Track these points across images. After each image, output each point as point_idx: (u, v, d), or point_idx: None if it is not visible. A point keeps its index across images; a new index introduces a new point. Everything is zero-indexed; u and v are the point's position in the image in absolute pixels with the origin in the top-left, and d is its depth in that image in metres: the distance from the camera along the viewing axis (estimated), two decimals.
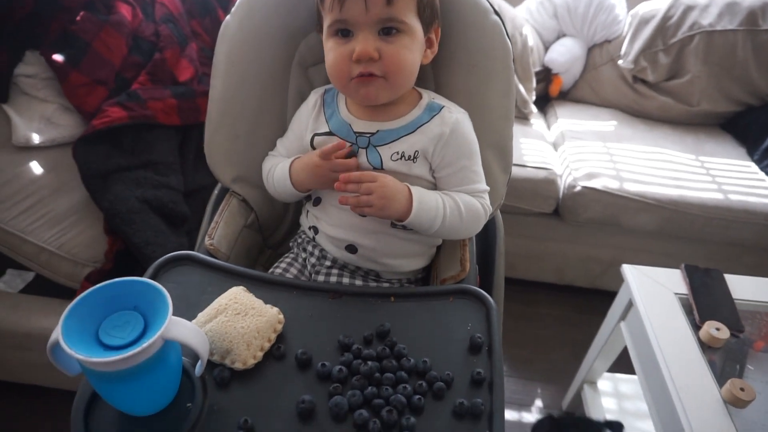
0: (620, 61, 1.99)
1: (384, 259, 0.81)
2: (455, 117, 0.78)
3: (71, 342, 0.45)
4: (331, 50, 0.74)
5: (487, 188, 0.82)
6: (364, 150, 0.78)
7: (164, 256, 0.70)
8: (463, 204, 0.77)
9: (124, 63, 1.46)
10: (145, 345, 0.45)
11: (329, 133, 0.80)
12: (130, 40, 1.48)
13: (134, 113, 1.38)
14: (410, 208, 0.73)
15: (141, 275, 0.57)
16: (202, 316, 0.61)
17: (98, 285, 0.50)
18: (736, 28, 1.84)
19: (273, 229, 0.98)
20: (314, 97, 0.85)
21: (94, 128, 1.33)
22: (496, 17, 0.84)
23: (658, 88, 1.99)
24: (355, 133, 0.79)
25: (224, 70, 0.84)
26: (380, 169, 0.77)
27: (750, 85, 1.90)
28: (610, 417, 1.38)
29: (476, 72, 0.84)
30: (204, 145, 0.89)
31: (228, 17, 0.83)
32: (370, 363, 0.58)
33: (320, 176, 0.78)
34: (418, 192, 0.74)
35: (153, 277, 0.68)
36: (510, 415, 1.51)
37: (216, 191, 0.97)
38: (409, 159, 0.77)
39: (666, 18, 1.92)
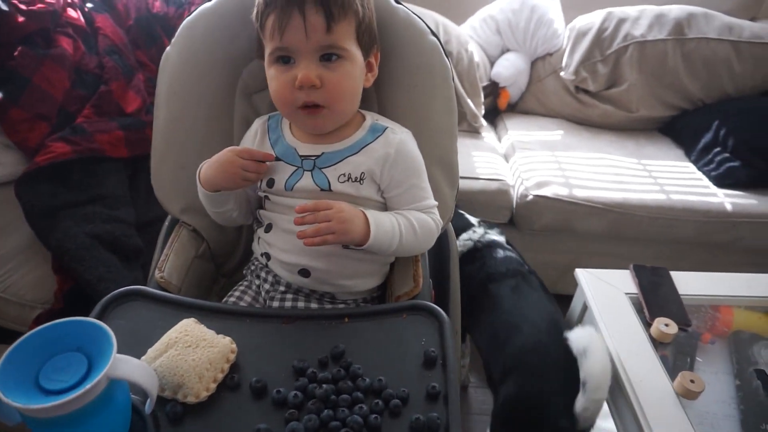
0: (562, 73, 2.07)
1: (338, 281, 0.82)
2: (399, 137, 0.80)
3: (7, 390, 0.43)
4: (274, 78, 0.75)
5: (436, 203, 0.84)
6: (310, 172, 0.79)
7: (111, 293, 0.69)
8: (416, 221, 0.79)
9: (67, 97, 1.43)
10: (87, 387, 0.44)
11: (276, 159, 0.81)
12: (72, 73, 1.45)
13: (79, 147, 1.35)
14: (368, 232, 0.73)
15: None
16: (152, 351, 0.60)
17: (36, 328, 0.49)
18: (666, 38, 1.95)
19: (226, 258, 0.97)
20: (257, 124, 0.86)
21: (37, 165, 1.30)
22: (433, 38, 0.87)
23: (599, 96, 2.08)
24: (300, 156, 0.80)
25: (166, 100, 0.83)
26: (328, 190, 0.78)
27: (682, 91, 2.00)
28: None
29: (417, 91, 0.86)
30: (150, 176, 0.88)
31: (168, 48, 0.84)
32: (325, 386, 0.58)
33: (229, 173, 0.77)
34: (372, 215, 0.75)
35: (101, 315, 0.66)
36: (481, 424, 1.52)
37: (167, 222, 0.95)
38: (356, 180, 0.78)
39: (601, 30, 2.01)
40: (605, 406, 1.20)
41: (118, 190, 1.42)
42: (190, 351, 0.59)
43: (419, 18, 0.86)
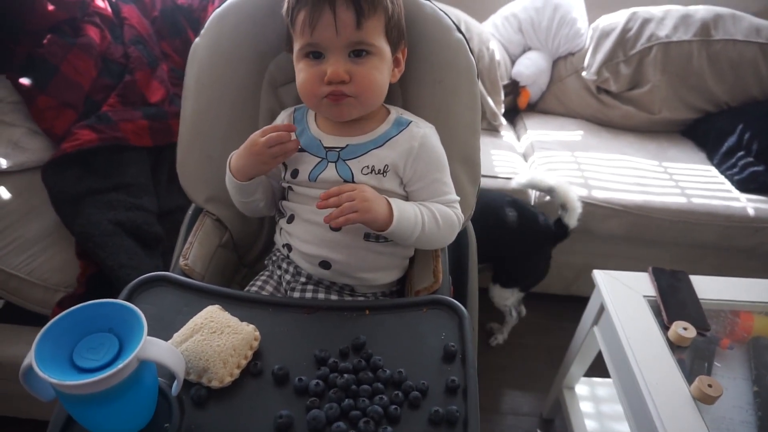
0: (584, 73, 2.05)
1: (358, 273, 0.82)
2: (423, 131, 0.81)
3: (44, 366, 0.45)
4: (302, 71, 0.76)
5: (458, 198, 0.84)
6: (334, 164, 0.79)
7: (138, 278, 0.70)
8: (439, 213, 0.79)
9: (94, 85, 1.45)
10: (120, 366, 0.46)
11: (300, 150, 0.82)
12: (99, 62, 1.47)
13: (105, 135, 1.37)
14: (391, 216, 0.74)
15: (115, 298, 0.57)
16: (177, 336, 0.61)
17: (72, 308, 0.50)
18: (691, 39, 1.93)
19: (248, 248, 0.98)
20: (283, 116, 0.87)
21: (63, 151, 1.32)
22: (459, 35, 0.87)
23: (620, 97, 2.06)
24: (324, 148, 0.81)
25: (194, 91, 0.85)
26: (351, 182, 0.78)
27: (706, 93, 1.98)
28: (588, 422, 1.40)
29: (442, 87, 0.86)
30: (176, 165, 0.89)
31: (197, 39, 0.85)
32: (346, 376, 0.59)
33: (256, 154, 0.78)
34: (396, 202, 0.76)
35: (128, 299, 0.68)
36: (488, 422, 1.53)
37: (190, 211, 0.97)
38: (379, 173, 0.79)
39: (625, 30, 1.99)
40: (619, 408, 1.20)
41: (141, 179, 1.44)
42: (215, 337, 0.60)
43: (446, 14, 0.86)
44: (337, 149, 0.80)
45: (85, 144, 1.34)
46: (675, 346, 1.09)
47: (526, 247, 1.54)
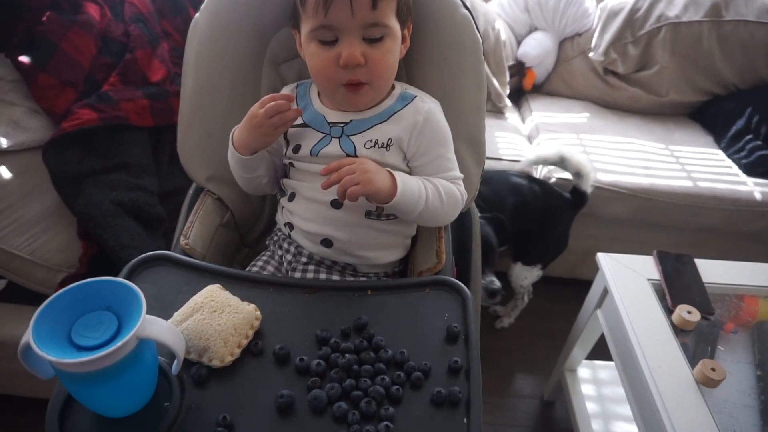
0: (591, 54, 2.02)
1: (359, 252, 0.81)
2: (428, 106, 0.79)
3: (42, 344, 0.44)
4: (315, 56, 0.73)
5: (462, 175, 0.83)
6: (337, 139, 0.78)
7: (139, 257, 0.70)
8: (443, 188, 0.78)
9: (94, 64, 1.43)
10: (118, 344, 0.45)
11: (303, 125, 0.80)
12: (99, 40, 1.45)
13: (105, 115, 1.36)
14: (394, 188, 0.73)
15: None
16: (178, 315, 0.61)
17: (70, 286, 0.49)
18: (701, 20, 1.89)
19: (249, 228, 0.97)
20: (286, 91, 0.85)
21: (64, 131, 1.31)
22: (465, 11, 0.85)
23: (628, 79, 2.03)
24: (328, 123, 0.79)
25: (194, 68, 0.83)
26: (354, 156, 0.77)
27: (715, 75, 1.94)
28: (589, 404, 1.40)
29: (447, 65, 0.85)
30: (177, 143, 0.88)
31: (197, 14, 0.83)
32: (347, 356, 0.58)
33: (257, 126, 0.76)
34: (400, 175, 0.75)
35: (127, 278, 0.67)
36: (489, 404, 1.53)
37: (191, 191, 0.96)
38: (382, 147, 0.77)
39: (634, 10, 1.95)
40: (620, 391, 1.20)
41: (143, 159, 1.43)
42: (216, 316, 0.59)
43: None
44: (341, 125, 0.79)
45: (86, 123, 1.33)
46: (678, 330, 1.08)
47: (549, 220, 1.55)
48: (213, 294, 0.62)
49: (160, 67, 1.52)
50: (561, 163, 1.54)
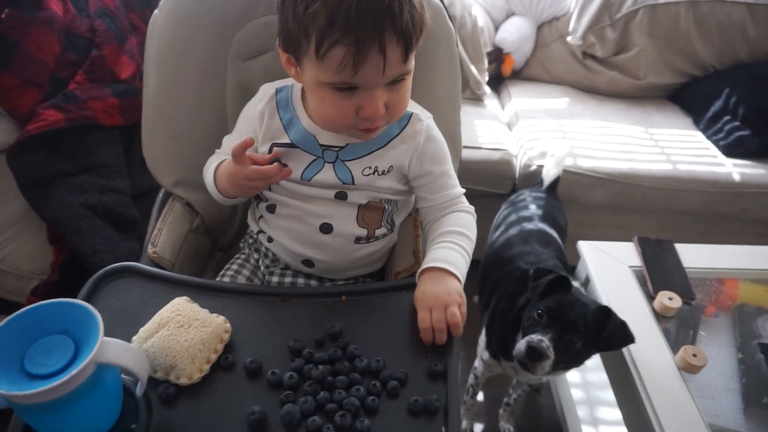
0: (569, 38, 2.00)
1: (343, 272, 0.80)
2: (425, 124, 0.75)
3: None
4: (329, 103, 0.65)
5: (463, 190, 0.80)
6: (332, 165, 0.72)
7: (102, 270, 0.67)
8: (468, 231, 0.75)
9: (58, 62, 1.38)
10: (72, 373, 0.43)
11: (291, 145, 0.73)
12: (62, 37, 1.40)
13: (72, 115, 1.31)
14: (458, 280, 0.68)
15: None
16: (143, 331, 0.58)
17: (21, 310, 0.47)
18: (678, 0, 1.87)
19: (221, 232, 0.95)
20: (262, 103, 0.75)
21: (29, 133, 1.26)
22: (436, 0, 0.82)
23: (606, 63, 2.01)
24: (321, 145, 0.72)
25: (155, 67, 0.80)
26: (351, 184, 0.73)
27: (693, 57, 1.94)
28: (574, 390, 1.41)
29: (420, 59, 0.82)
30: (142, 147, 0.85)
31: (156, 11, 0.79)
32: (321, 367, 0.57)
33: (238, 185, 0.71)
34: (445, 261, 0.68)
35: (91, 292, 0.64)
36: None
37: (160, 194, 0.93)
38: (382, 174, 0.73)
39: None
40: (605, 377, 1.20)
41: (114, 160, 1.39)
42: (183, 331, 0.57)
43: None
44: (336, 149, 0.72)
45: (52, 125, 1.28)
46: (660, 316, 1.08)
47: None
48: (180, 307, 0.60)
49: (129, 63, 1.47)
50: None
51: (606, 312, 0.91)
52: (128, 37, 1.50)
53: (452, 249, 0.71)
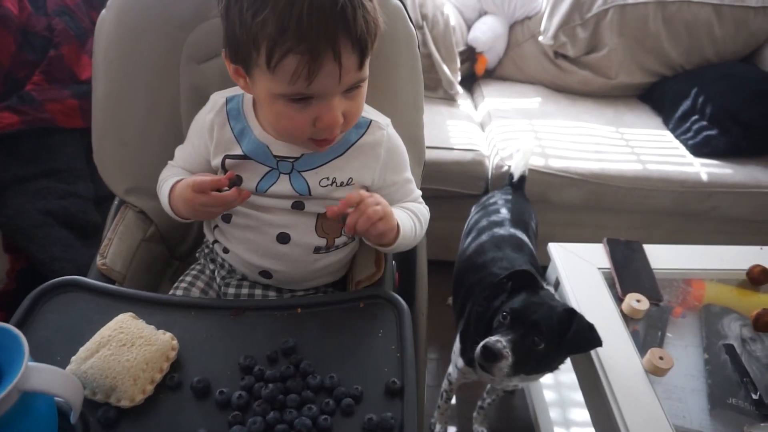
0: (540, 37, 2.00)
1: (301, 283, 0.78)
2: (386, 133, 0.73)
3: None
4: (284, 116, 0.62)
5: (420, 192, 0.79)
6: (287, 176, 0.70)
7: (44, 284, 0.63)
8: (420, 214, 0.75)
9: (14, 62, 1.32)
10: None
11: (244, 157, 0.70)
12: (18, 36, 1.34)
13: (28, 117, 1.26)
14: (397, 231, 0.67)
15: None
16: (82, 351, 0.55)
17: None
18: (647, 1, 1.89)
19: (178, 240, 0.91)
20: (212, 114, 0.72)
21: None
22: (396, 1, 0.80)
23: (578, 62, 2.02)
24: (274, 156, 0.70)
25: (104, 71, 0.76)
26: (307, 195, 0.70)
27: (662, 56, 1.96)
28: (547, 392, 1.41)
29: (381, 62, 0.80)
30: (93, 154, 0.81)
31: (103, 12, 0.76)
32: (271, 385, 0.54)
33: (196, 211, 0.69)
34: (395, 212, 0.68)
35: (31, 308, 0.61)
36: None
37: (116, 201, 0.89)
38: (342, 185, 0.71)
39: None
40: (573, 378, 1.20)
41: (75, 164, 1.34)
42: (125, 350, 0.54)
43: None
44: (290, 159, 0.70)
45: (7, 128, 1.23)
46: (629, 318, 1.08)
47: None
48: (123, 325, 0.57)
49: (90, 64, 1.42)
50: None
51: (571, 314, 0.90)
52: (89, 37, 1.44)
53: (400, 209, 0.73)
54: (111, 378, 0.52)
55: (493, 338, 0.88)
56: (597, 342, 0.91)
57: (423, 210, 0.77)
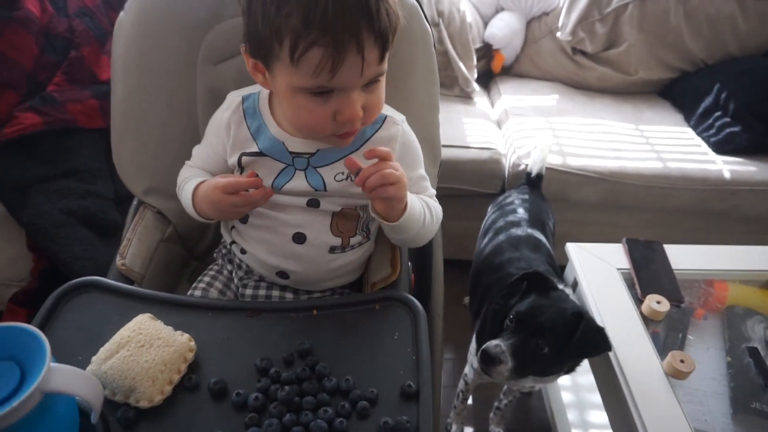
0: (558, 33, 1.97)
1: (318, 284, 0.78)
2: (401, 128, 0.73)
3: None
4: (305, 109, 0.63)
5: (434, 191, 0.79)
6: (303, 172, 0.70)
7: (65, 285, 0.64)
8: (432, 207, 0.74)
9: (36, 64, 1.35)
10: (14, 404, 0.40)
11: (260, 154, 0.70)
12: (41, 38, 1.36)
13: (50, 118, 1.29)
14: (405, 207, 0.67)
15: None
16: (102, 351, 0.56)
17: None
18: None
19: (196, 240, 0.92)
20: (228, 113, 0.73)
21: (5, 137, 1.23)
22: (412, 0, 0.80)
23: (596, 58, 1.99)
24: (290, 153, 0.70)
25: (122, 73, 0.77)
26: (323, 191, 0.71)
27: (684, 51, 1.92)
28: (565, 393, 1.39)
29: (397, 61, 0.79)
30: (112, 155, 0.82)
31: (121, 14, 0.76)
32: (287, 387, 0.54)
33: (223, 211, 0.70)
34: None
35: (53, 309, 0.62)
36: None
37: (135, 201, 0.90)
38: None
39: None
40: (591, 380, 1.19)
41: (95, 163, 1.36)
42: (144, 351, 0.55)
43: None
44: (306, 155, 0.70)
45: (29, 128, 1.26)
46: (648, 320, 1.06)
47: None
48: (142, 326, 0.57)
49: (110, 64, 1.44)
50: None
51: (579, 317, 0.88)
52: (109, 37, 1.46)
53: (413, 195, 0.72)
54: (130, 379, 0.53)
55: (493, 342, 0.87)
56: (606, 346, 0.89)
57: (436, 206, 0.76)
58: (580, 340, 0.86)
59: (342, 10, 0.54)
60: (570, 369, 1.01)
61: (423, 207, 0.71)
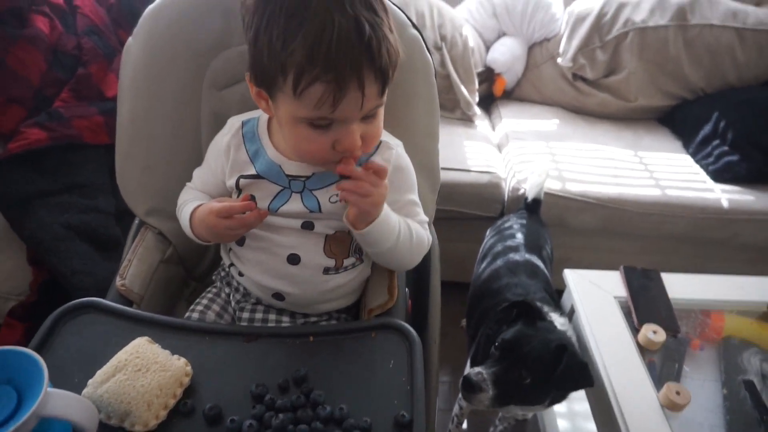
0: (559, 59, 2.00)
1: (313, 306, 0.78)
2: (395, 152, 0.75)
3: None
4: (305, 139, 0.65)
5: (427, 219, 0.79)
6: (299, 194, 0.72)
7: (64, 306, 0.65)
8: (414, 229, 0.75)
9: (45, 80, 1.37)
10: (11, 430, 0.41)
11: (257, 176, 0.72)
12: (49, 54, 1.39)
13: (56, 134, 1.30)
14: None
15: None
16: (99, 374, 0.56)
17: None
18: (667, 24, 1.88)
19: (196, 261, 0.93)
20: (228, 137, 0.75)
21: (9, 152, 1.25)
22: (414, 31, 0.81)
23: (597, 84, 2.01)
24: (287, 176, 0.72)
25: (130, 96, 0.78)
26: (317, 212, 0.72)
27: (683, 80, 1.94)
28: (561, 421, 1.38)
29: (399, 91, 0.81)
30: (116, 175, 0.83)
31: (129, 39, 0.78)
32: (281, 415, 0.55)
33: (219, 235, 0.71)
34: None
35: (51, 330, 0.63)
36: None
37: (137, 221, 0.91)
38: None
39: (601, 15, 1.94)
40: (587, 408, 1.18)
41: (98, 179, 1.38)
42: (140, 375, 0.55)
43: (398, 9, 0.80)
44: (302, 178, 0.72)
45: (34, 144, 1.27)
46: (645, 350, 1.06)
47: None
48: (139, 349, 0.58)
49: (117, 82, 1.46)
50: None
51: (563, 349, 0.88)
52: (117, 55, 1.49)
53: (396, 215, 0.73)
54: (126, 403, 0.53)
55: (475, 370, 0.87)
56: (588, 382, 0.89)
57: (421, 231, 0.76)
58: (563, 372, 0.86)
59: (345, 48, 0.57)
60: (554, 401, 1.00)
61: (400, 224, 0.72)
